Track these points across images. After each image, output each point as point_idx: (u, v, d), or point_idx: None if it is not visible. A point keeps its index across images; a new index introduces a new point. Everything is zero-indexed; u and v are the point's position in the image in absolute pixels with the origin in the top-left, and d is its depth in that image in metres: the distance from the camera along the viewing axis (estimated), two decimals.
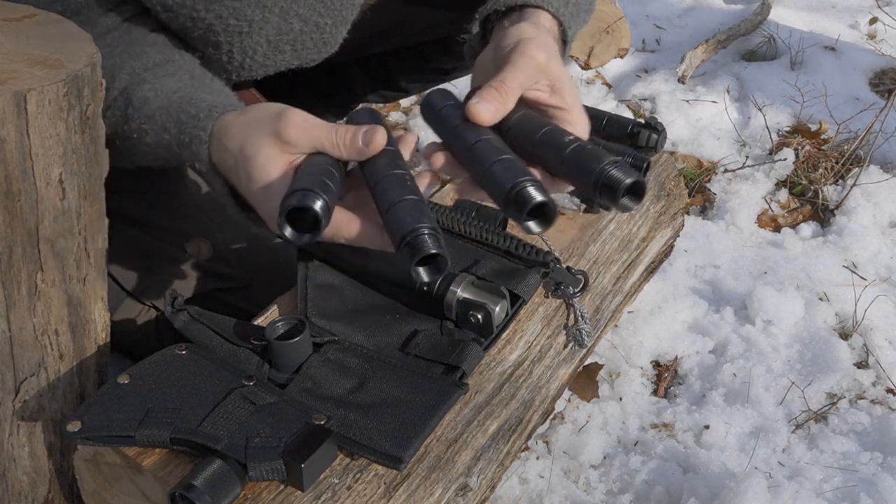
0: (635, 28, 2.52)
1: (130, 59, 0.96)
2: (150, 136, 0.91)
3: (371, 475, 0.80)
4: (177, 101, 0.91)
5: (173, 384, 0.82)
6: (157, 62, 0.96)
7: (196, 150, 0.87)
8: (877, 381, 1.42)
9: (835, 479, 1.23)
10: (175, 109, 0.90)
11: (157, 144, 0.91)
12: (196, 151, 0.87)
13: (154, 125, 0.91)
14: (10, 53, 0.77)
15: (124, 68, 0.94)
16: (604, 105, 2.20)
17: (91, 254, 0.86)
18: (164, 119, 0.90)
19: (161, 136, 0.90)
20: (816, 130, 2.04)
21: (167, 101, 0.91)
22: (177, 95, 0.91)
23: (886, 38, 2.51)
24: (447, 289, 0.92)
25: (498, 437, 0.95)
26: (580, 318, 1.08)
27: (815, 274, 1.63)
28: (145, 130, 0.92)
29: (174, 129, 0.89)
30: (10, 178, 0.74)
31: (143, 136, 0.92)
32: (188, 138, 0.87)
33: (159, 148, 0.92)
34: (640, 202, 0.78)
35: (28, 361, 0.85)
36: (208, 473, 0.72)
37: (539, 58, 0.89)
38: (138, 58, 0.96)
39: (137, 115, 0.92)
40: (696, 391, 1.39)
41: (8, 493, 0.92)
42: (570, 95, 0.91)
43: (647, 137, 1.25)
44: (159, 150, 0.92)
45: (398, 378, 0.86)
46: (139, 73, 0.94)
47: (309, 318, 0.94)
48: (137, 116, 0.92)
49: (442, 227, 1.08)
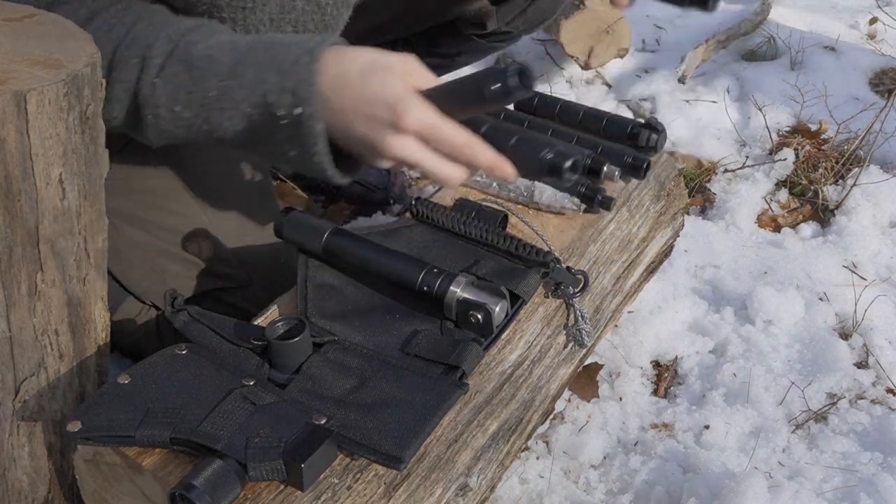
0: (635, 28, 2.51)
1: (158, 26, 0.95)
2: (239, 92, 0.92)
3: (371, 475, 0.80)
4: (261, 50, 0.92)
5: (173, 384, 0.82)
6: (189, 27, 0.96)
7: (304, 93, 0.90)
8: (877, 381, 1.42)
9: (835, 479, 1.23)
10: (262, 57, 0.92)
11: (247, 98, 0.92)
12: (304, 95, 0.90)
13: (240, 79, 0.92)
14: (10, 53, 0.77)
15: (159, 36, 0.94)
16: (604, 105, 2.20)
17: (91, 254, 0.86)
18: (253, 70, 0.92)
19: (254, 88, 0.92)
20: (816, 130, 2.04)
21: (243, 55, 0.93)
22: (252, 46, 0.93)
23: (886, 38, 2.51)
24: (447, 289, 0.92)
25: (498, 437, 0.95)
26: (580, 318, 1.08)
27: (815, 274, 1.63)
28: (230, 86, 0.92)
29: (273, 76, 0.91)
30: (10, 178, 0.74)
31: (229, 93, 0.93)
32: (293, 81, 0.90)
33: (247, 102, 0.93)
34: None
35: (28, 361, 0.85)
36: (208, 473, 0.72)
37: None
38: (167, 24, 0.96)
39: (208, 75, 0.93)
40: (696, 391, 1.39)
41: (8, 493, 0.92)
42: None
43: (647, 137, 1.25)
44: (246, 104, 0.93)
45: (398, 378, 0.86)
46: (179, 36, 0.95)
47: (309, 318, 0.94)
48: (210, 76, 0.93)
49: (442, 227, 1.08)
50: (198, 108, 0.95)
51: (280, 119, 0.92)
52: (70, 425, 0.76)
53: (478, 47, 1.58)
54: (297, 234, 1.01)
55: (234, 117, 0.95)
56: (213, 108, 0.94)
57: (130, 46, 0.94)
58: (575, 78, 2.31)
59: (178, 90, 0.94)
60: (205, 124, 0.96)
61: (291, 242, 1.02)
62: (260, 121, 0.94)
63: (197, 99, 0.94)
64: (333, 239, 1.00)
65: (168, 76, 0.94)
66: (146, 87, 0.94)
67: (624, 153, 1.20)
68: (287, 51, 0.92)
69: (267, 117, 0.93)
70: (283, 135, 0.94)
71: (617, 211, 1.23)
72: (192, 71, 0.93)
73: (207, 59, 0.93)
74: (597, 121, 1.28)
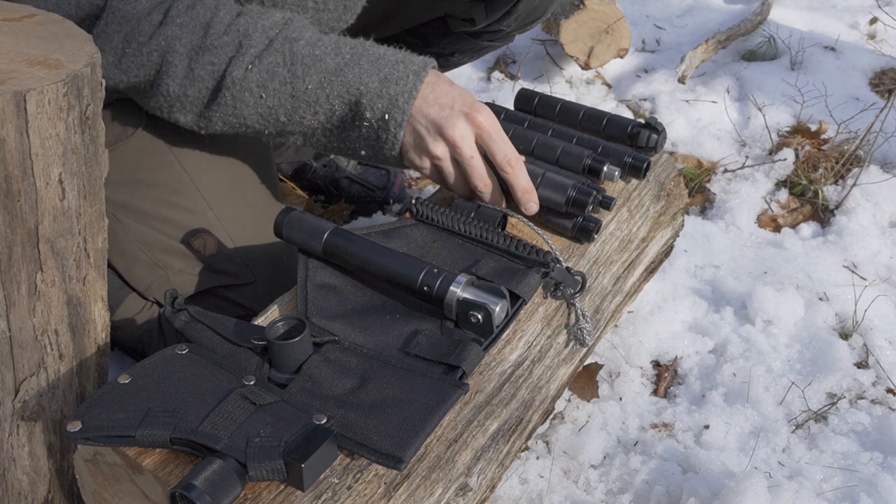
0: (635, 28, 2.52)
1: (250, 16, 1.04)
2: (337, 88, 1.03)
3: (371, 475, 0.80)
4: (366, 59, 1.04)
5: (174, 384, 0.82)
6: (279, 20, 1.05)
7: (403, 104, 1.03)
8: (877, 381, 1.42)
9: (835, 479, 1.23)
10: (367, 66, 1.04)
11: (341, 96, 1.04)
12: (402, 106, 1.03)
13: (342, 77, 1.03)
14: (10, 53, 0.77)
15: (256, 28, 1.04)
16: (604, 105, 2.20)
17: (91, 254, 0.86)
18: (355, 72, 1.03)
19: (352, 87, 1.03)
20: (816, 130, 2.04)
21: (348, 60, 1.04)
22: (357, 54, 1.05)
23: (886, 38, 2.51)
24: (447, 289, 0.92)
25: (498, 437, 0.95)
26: (581, 317, 1.08)
27: (815, 274, 1.63)
28: (330, 82, 1.03)
29: (375, 82, 1.03)
30: (10, 178, 0.74)
31: (326, 88, 1.04)
32: (394, 91, 1.03)
33: (340, 99, 1.04)
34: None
35: (28, 361, 0.85)
36: (208, 473, 0.72)
37: None
38: (259, 16, 1.05)
39: (311, 72, 1.03)
40: (696, 391, 1.39)
41: (8, 493, 0.92)
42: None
43: (647, 137, 1.25)
44: (338, 101, 1.04)
45: (398, 378, 0.86)
46: (275, 31, 1.04)
47: (309, 318, 0.94)
48: (312, 73, 1.03)
49: (442, 227, 1.08)
50: (287, 98, 1.04)
51: (365, 121, 1.04)
52: (70, 425, 0.76)
53: (472, 47, 1.58)
54: (297, 234, 1.01)
55: (320, 111, 1.05)
56: (302, 100, 1.04)
57: (227, 32, 1.03)
58: (575, 78, 2.31)
59: (271, 79, 1.03)
60: (283, 115, 1.06)
61: (291, 242, 1.02)
62: (343, 117, 1.05)
63: (288, 90, 1.04)
64: (333, 239, 1.00)
65: (265, 65, 1.03)
66: (237, 71, 1.03)
67: (624, 153, 1.20)
68: (395, 67, 1.04)
69: (353, 114, 1.04)
70: (359, 132, 1.05)
71: (617, 211, 1.23)
72: (293, 66, 1.03)
73: (312, 57, 1.03)
74: (597, 121, 1.29)
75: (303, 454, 0.74)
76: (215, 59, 1.03)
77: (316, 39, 1.04)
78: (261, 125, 1.08)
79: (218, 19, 1.03)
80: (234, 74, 1.03)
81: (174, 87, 1.05)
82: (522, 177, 1.06)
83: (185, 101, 1.06)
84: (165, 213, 1.21)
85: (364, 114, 1.03)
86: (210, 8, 1.04)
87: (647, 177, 1.24)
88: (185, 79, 1.04)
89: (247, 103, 1.05)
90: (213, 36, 1.03)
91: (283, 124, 1.07)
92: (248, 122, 1.08)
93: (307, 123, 1.07)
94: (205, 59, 1.03)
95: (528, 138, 1.20)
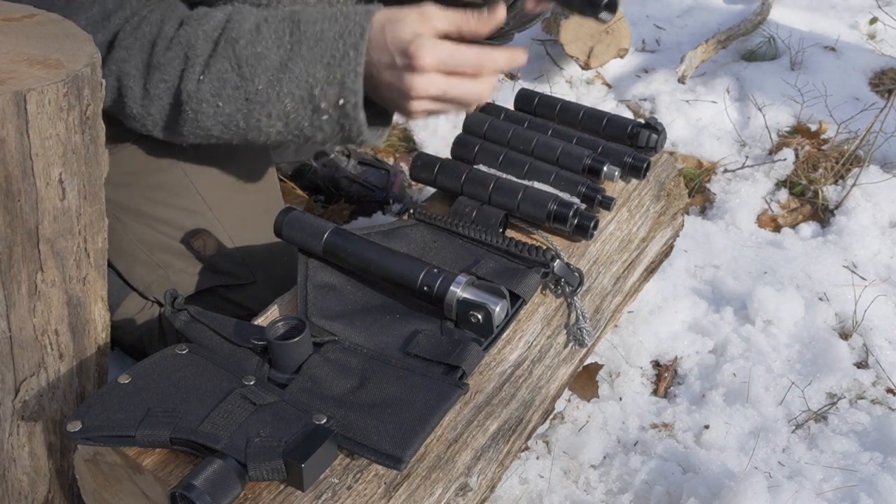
0: (635, 28, 2.52)
1: (191, 24, 1.02)
2: (287, 85, 1.00)
3: (371, 475, 0.80)
4: (306, 47, 1.00)
5: (174, 384, 0.82)
6: (221, 20, 1.02)
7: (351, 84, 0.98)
8: (877, 381, 1.42)
9: (835, 479, 1.23)
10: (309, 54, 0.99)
11: (293, 92, 1.00)
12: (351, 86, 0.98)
13: (289, 73, 1.00)
14: (10, 53, 0.77)
15: (198, 35, 1.01)
16: (604, 105, 2.20)
17: (91, 254, 0.86)
18: (300, 65, 0.99)
19: (302, 81, 0.99)
20: (816, 130, 2.04)
21: (289, 52, 1.00)
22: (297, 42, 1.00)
23: (886, 38, 2.51)
24: (447, 289, 0.92)
25: (498, 437, 0.95)
26: (581, 317, 1.08)
27: (815, 274, 1.63)
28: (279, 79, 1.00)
29: (321, 70, 0.99)
30: (10, 178, 0.74)
31: (276, 87, 1.00)
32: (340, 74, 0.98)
33: (292, 96, 1.00)
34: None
35: (28, 361, 0.85)
36: (208, 473, 0.72)
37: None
38: (200, 21, 1.02)
39: (258, 72, 1.00)
40: (696, 391, 1.39)
41: (8, 493, 0.92)
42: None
43: (647, 137, 1.26)
44: (290, 98, 1.01)
45: (398, 378, 0.86)
46: (217, 33, 1.01)
47: (309, 318, 0.94)
48: (259, 73, 1.00)
49: (441, 227, 1.08)
50: (242, 102, 1.01)
51: (323, 112, 1.00)
52: (70, 425, 0.76)
53: None
54: (297, 234, 1.02)
55: (274, 113, 1.02)
56: (256, 103, 1.01)
57: (171, 47, 1.00)
58: (575, 78, 2.31)
59: (224, 86, 1.01)
60: (243, 121, 1.03)
61: (291, 242, 1.02)
62: (299, 115, 1.02)
63: (242, 94, 1.01)
64: (333, 239, 1.00)
65: (214, 74, 1.00)
66: (191, 84, 1.00)
67: (624, 153, 1.20)
68: (335, 45, 0.99)
69: (310, 110, 1.01)
70: (320, 124, 1.02)
71: (617, 211, 1.23)
72: (241, 68, 1.00)
73: (255, 56, 1.00)
74: (597, 121, 1.29)
75: (303, 454, 0.74)
76: (166, 75, 1.01)
77: (255, 34, 1.01)
78: (227, 135, 1.06)
79: (163, 34, 1.01)
80: (188, 88, 1.01)
81: (136, 108, 1.03)
82: (500, 58, 1.01)
83: (151, 120, 1.05)
84: (165, 213, 1.22)
85: (320, 105, 1.01)
86: (155, 24, 1.02)
87: (647, 177, 1.24)
88: (143, 99, 1.03)
89: (207, 114, 1.03)
90: (158, 53, 1.01)
91: (244, 130, 1.05)
92: (213, 132, 1.05)
93: (264, 127, 1.04)
94: (156, 77, 1.01)
95: (528, 138, 1.20)
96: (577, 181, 1.13)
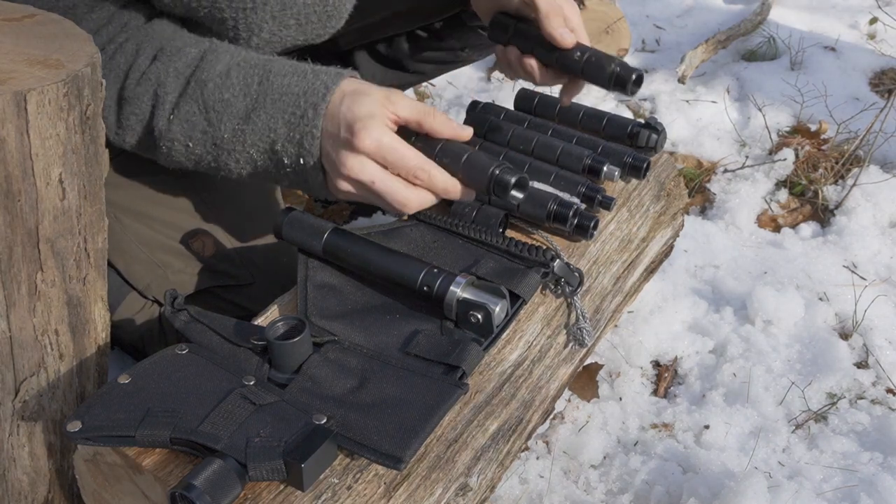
0: (635, 28, 2.52)
1: (164, 60, 1.00)
2: (251, 136, 0.99)
3: (371, 475, 0.80)
4: (270, 100, 0.98)
5: (173, 384, 0.82)
6: (194, 57, 1.00)
7: (308, 145, 0.97)
8: (877, 381, 1.42)
9: (835, 479, 1.23)
10: (272, 108, 0.98)
11: (256, 144, 1.00)
12: (308, 147, 0.97)
13: (252, 125, 0.98)
14: (10, 53, 0.77)
15: (168, 73, 0.99)
16: (604, 105, 2.20)
17: (91, 254, 0.86)
18: (264, 118, 0.98)
19: (265, 135, 0.98)
20: (816, 130, 2.04)
21: (254, 100, 0.98)
22: (262, 92, 0.99)
23: (886, 38, 2.51)
24: (447, 289, 0.92)
25: (498, 437, 0.95)
26: (581, 317, 1.08)
27: (815, 274, 1.63)
28: (243, 131, 0.99)
29: (282, 127, 0.97)
30: (10, 178, 0.74)
31: (241, 137, 1.00)
32: (299, 134, 0.97)
33: (256, 147, 1.00)
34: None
35: (28, 361, 0.85)
36: (208, 473, 0.72)
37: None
38: (172, 57, 1.00)
39: (224, 118, 0.99)
40: (696, 391, 1.39)
41: (8, 493, 0.92)
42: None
43: (647, 137, 1.26)
44: (254, 149, 1.00)
45: (398, 378, 0.86)
46: (189, 71, 1.00)
47: (309, 318, 0.94)
48: (225, 120, 0.99)
49: (441, 227, 1.08)
50: (210, 146, 1.01)
51: (286, 167, 0.99)
52: (70, 425, 0.76)
53: (482, 42, 1.58)
54: (297, 234, 1.01)
55: (241, 160, 1.01)
56: (223, 149, 1.00)
57: (141, 82, 0.99)
58: None
59: (193, 129, 1.00)
60: (213, 162, 1.02)
61: (291, 242, 1.02)
62: (265, 164, 1.01)
63: (210, 139, 1.00)
64: (333, 239, 1.00)
65: (183, 115, 0.99)
66: (161, 123, 1.00)
67: (624, 153, 1.20)
68: (297, 104, 0.97)
69: (273, 162, 1.00)
70: (286, 174, 1.01)
71: (617, 211, 1.23)
72: (207, 113, 0.99)
73: (223, 103, 0.98)
74: (597, 121, 1.29)
75: (303, 454, 0.74)
76: (137, 109, 1.00)
77: (224, 79, 0.99)
78: (201, 169, 1.05)
79: (135, 67, 1.00)
80: (159, 126, 1.00)
81: (112, 135, 1.03)
82: (438, 180, 0.96)
83: (129, 146, 1.04)
84: (165, 214, 1.22)
85: (282, 160, 0.99)
86: (129, 54, 1.00)
87: (647, 177, 1.24)
88: (118, 129, 1.02)
89: (179, 152, 1.02)
90: (129, 88, 1.00)
91: (216, 169, 1.04)
92: (188, 166, 1.04)
93: (234, 170, 1.03)
94: (127, 110, 1.01)
95: (528, 138, 1.20)
96: (577, 181, 1.13)
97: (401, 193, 0.96)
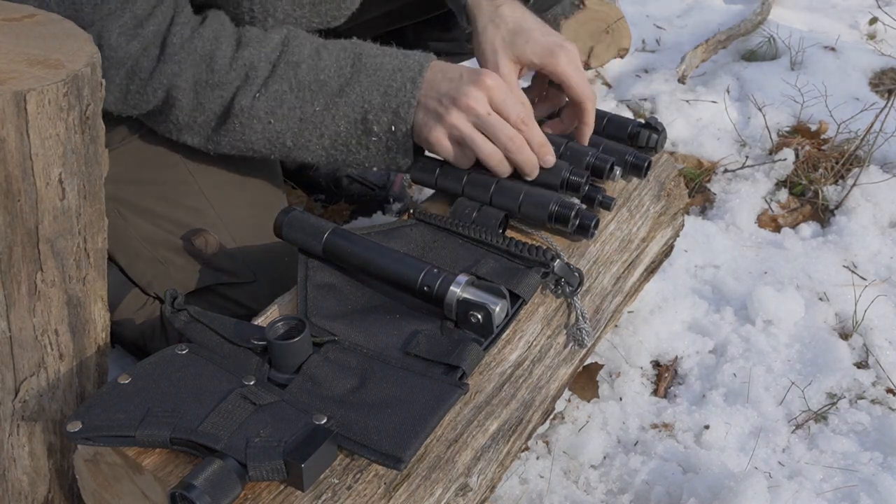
0: (635, 28, 2.52)
1: (249, 45, 1.06)
2: (343, 108, 1.06)
3: (371, 475, 0.80)
4: (365, 75, 1.06)
5: (174, 384, 0.82)
6: (278, 42, 1.07)
7: (405, 114, 1.06)
8: (877, 381, 1.42)
9: (835, 479, 1.23)
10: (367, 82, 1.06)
11: (347, 115, 1.07)
12: (404, 115, 1.06)
13: (346, 97, 1.06)
14: (10, 53, 0.77)
15: (261, 57, 1.06)
16: (604, 105, 2.20)
17: (91, 254, 0.86)
18: (357, 90, 1.06)
19: (357, 105, 1.06)
20: (816, 130, 2.04)
21: (348, 79, 1.06)
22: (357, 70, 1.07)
23: (886, 38, 2.51)
24: (447, 289, 0.92)
25: (498, 437, 0.95)
26: (581, 318, 1.08)
27: (815, 274, 1.63)
28: (336, 103, 1.06)
29: (378, 97, 1.06)
30: (10, 178, 0.74)
31: (333, 109, 1.07)
32: (395, 104, 1.06)
33: (346, 119, 1.07)
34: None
35: (28, 361, 0.85)
36: (208, 473, 0.72)
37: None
38: (260, 43, 1.06)
39: (318, 96, 1.06)
40: (696, 391, 1.39)
41: (8, 493, 0.92)
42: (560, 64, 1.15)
43: (647, 137, 1.26)
44: (344, 121, 1.07)
45: (398, 378, 0.86)
46: (276, 55, 1.06)
47: (309, 318, 0.94)
48: (318, 97, 1.06)
49: (441, 227, 1.08)
50: (295, 122, 1.06)
51: (374, 134, 1.06)
52: (70, 425, 0.76)
53: None
54: (297, 233, 1.02)
55: (326, 133, 1.07)
56: (309, 123, 1.07)
57: (234, 68, 1.05)
58: None
59: (279, 105, 1.06)
60: (290, 139, 1.08)
61: (291, 242, 1.02)
62: (349, 136, 1.08)
63: (297, 114, 1.06)
64: (333, 239, 1.00)
65: (272, 93, 1.05)
66: (245, 100, 1.05)
67: (624, 153, 1.20)
68: (393, 77, 1.06)
69: (361, 132, 1.07)
70: (366, 144, 1.08)
71: (617, 211, 1.23)
72: (301, 91, 1.05)
73: (317, 82, 1.06)
74: (597, 120, 1.28)
75: (303, 454, 0.74)
76: (224, 92, 1.05)
77: (316, 61, 1.06)
78: (267, 149, 1.10)
79: (220, 53, 1.04)
80: (242, 103, 1.05)
81: (183, 117, 1.07)
82: (536, 133, 1.08)
83: (194, 128, 1.09)
84: (168, 210, 1.22)
85: (372, 128, 1.06)
86: (209, 40, 1.04)
87: (647, 176, 1.24)
88: (193, 110, 1.07)
89: (255, 129, 1.07)
90: (219, 73, 1.04)
91: (288, 149, 1.10)
92: (256, 146, 1.10)
93: (313, 146, 1.09)
94: (213, 93, 1.05)
95: None
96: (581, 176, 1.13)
97: (510, 129, 1.06)
